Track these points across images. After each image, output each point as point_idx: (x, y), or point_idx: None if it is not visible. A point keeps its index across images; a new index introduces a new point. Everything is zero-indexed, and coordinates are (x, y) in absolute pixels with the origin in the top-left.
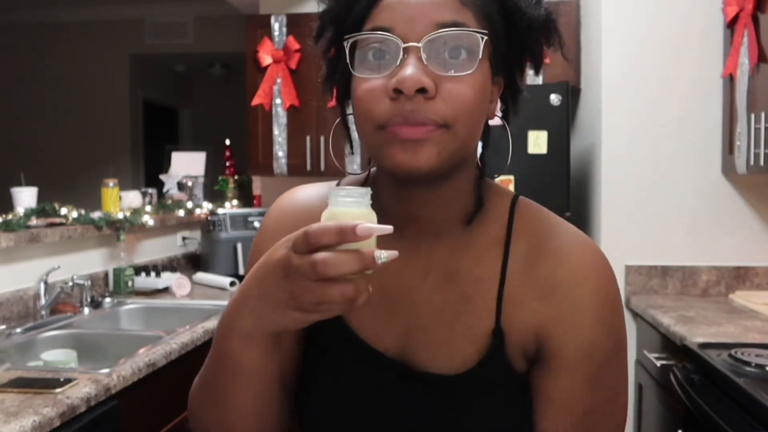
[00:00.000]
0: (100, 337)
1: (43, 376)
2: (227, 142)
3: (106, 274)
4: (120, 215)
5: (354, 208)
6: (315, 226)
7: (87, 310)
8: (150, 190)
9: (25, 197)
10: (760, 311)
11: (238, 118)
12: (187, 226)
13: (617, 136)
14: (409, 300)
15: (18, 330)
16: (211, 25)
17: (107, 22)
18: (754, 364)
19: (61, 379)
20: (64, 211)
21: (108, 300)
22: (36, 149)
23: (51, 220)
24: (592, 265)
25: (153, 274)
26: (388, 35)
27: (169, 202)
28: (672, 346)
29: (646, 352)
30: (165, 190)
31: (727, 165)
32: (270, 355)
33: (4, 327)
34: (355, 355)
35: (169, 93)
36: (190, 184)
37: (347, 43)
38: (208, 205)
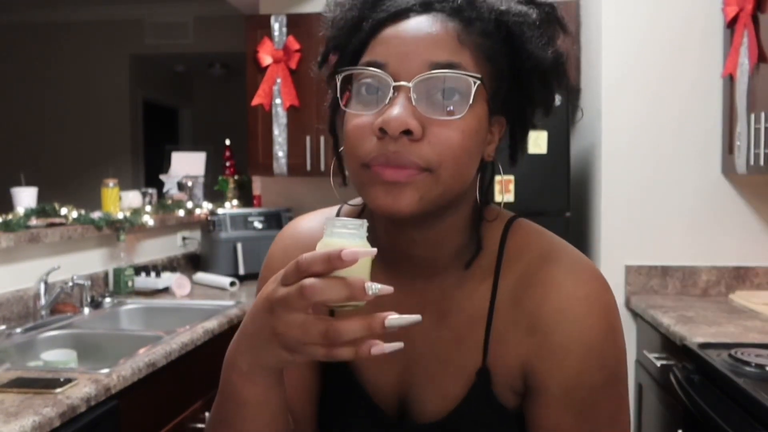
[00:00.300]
0: (100, 337)
1: (43, 376)
2: (227, 142)
3: (106, 274)
4: (120, 215)
5: (347, 240)
6: (305, 256)
7: (87, 310)
8: (150, 190)
9: (25, 197)
10: (760, 311)
11: (238, 118)
12: (187, 226)
13: (617, 136)
14: (407, 338)
15: (18, 330)
16: (211, 25)
17: (107, 22)
18: (754, 364)
19: (61, 379)
20: (64, 211)
21: (108, 300)
22: (36, 149)
23: (51, 220)
24: (582, 298)
25: (153, 274)
26: (379, 72)
27: (169, 202)
28: (672, 346)
29: (646, 352)
30: (165, 190)
31: (727, 165)
32: (273, 390)
33: (4, 327)
34: (355, 404)
35: (169, 93)
36: (190, 184)
37: (339, 77)
38: (208, 205)
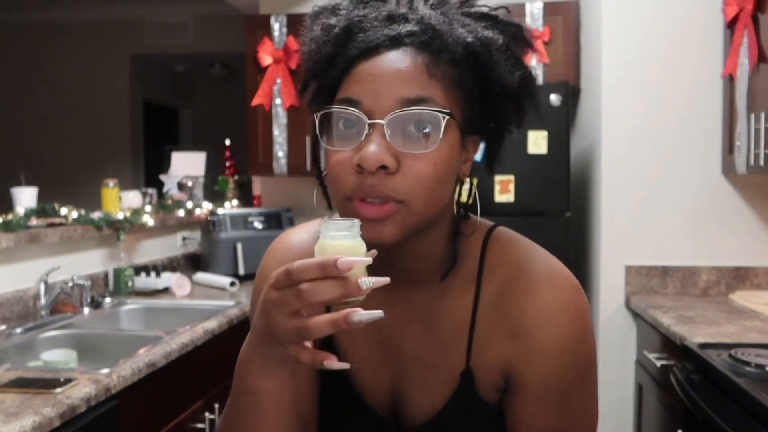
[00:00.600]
0: (100, 337)
1: (43, 376)
2: (227, 142)
3: (106, 275)
4: (120, 215)
5: (341, 241)
6: (297, 263)
7: (87, 311)
8: (150, 190)
9: (25, 197)
10: (760, 311)
11: (238, 118)
12: (187, 226)
13: (617, 136)
14: (398, 344)
15: (18, 330)
16: (211, 25)
17: (107, 22)
18: (754, 364)
19: (61, 379)
20: (64, 211)
21: (108, 300)
22: (36, 149)
23: (51, 220)
24: (558, 303)
25: (153, 274)
26: (354, 111)
27: (169, 202)
28: (672, 346)
29: (646, 352)
30: (165, 190)
31: (727, 165)
32: (287, 381)
33: (4, 327)
34: (351, 406)
35: (169, 93)
36: (190, 184)
37: (317, 116)
38: (208, 205)
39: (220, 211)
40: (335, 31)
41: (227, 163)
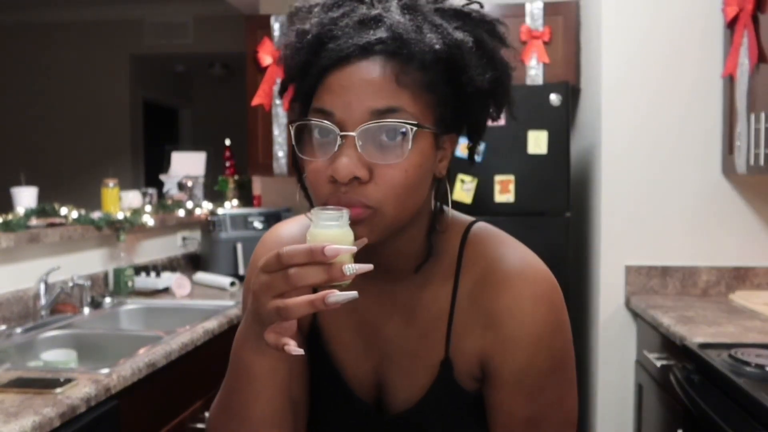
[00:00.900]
0: (100, 337)
1: (43, 376)
2: (227, 142)
3: (106, 275)
4: (120, 215)
5: (330, 230)
6: (286, 248)
7: (87, 311)
8: (150, 190)
9: (25, 197)
10: (760, 311)
11: (238, 118)
12: (187, 226)
13: (617, 136)
14: (381, 335)
15: (18, 330)
16: (211, 25)
17: (107, 22)
18: (754, 364)
19: (61, 379)
20: (64, 211)
21: (108, 300)
22: (36, 149)
23: (51, 220)
24: (530, 295)
25: (153, 274)
26: (327, 124)
27: (169, 202)
28: (672, 346)
29: (646, 352)
30: (165, 190)
31: (727, 165)
32: (280, 361)
33: (4, 327)
34: (336, 395)
35: (169, 93)
36: (190, 184)
37: (293, 127)
38: (208, 205)
39: (220, 211)
40: (308, 38)
41: (227, 163)
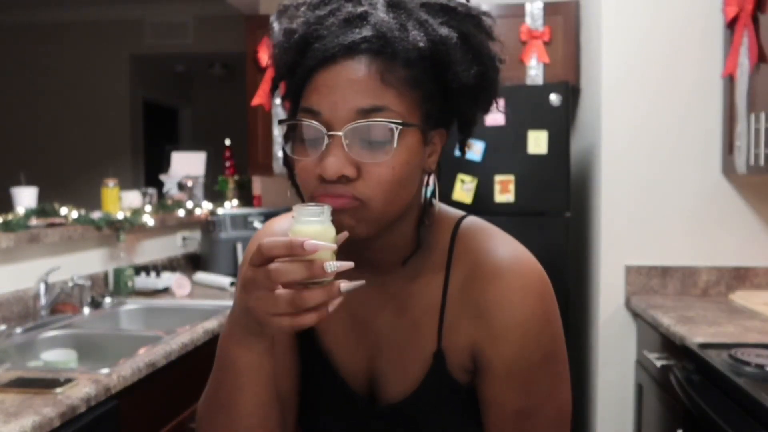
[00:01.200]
0: (100, 337)
1: (43, 376)
2: (227, 142)
3: (106, 275)
4: (120, 215)
5: (311, 226)
6: (267, 240)
7: (87, 311)
8: (150, 190)
9: (25, 197)
10: (760, 311)
11: (238, 118)
12: (187, 226)
13: (617, 136)
14: (373, 328)
15: (18, 330)
16: (211, 25)
17: (107, 22)
18: (754, 364)
19: (61, 379)
20: (64, 211)
21: (108, 300)
22: (36, 149)
23: (51, 220)
24: (519, 287)
25: (153, 274)
26: (314, 123)
27: (169, 202)
28: (672, 346)
29: (646, 352)
30: (165, 190)
31: (727, 165)
32: (265, 356)
33: (4, 327)
34: (330, 386)
35: (169, 93)
36: (190, 184)
37: (282, 126)
38: (208, 205)
39: (220, 211)
40: (294, 38)
41: (227, 163)
